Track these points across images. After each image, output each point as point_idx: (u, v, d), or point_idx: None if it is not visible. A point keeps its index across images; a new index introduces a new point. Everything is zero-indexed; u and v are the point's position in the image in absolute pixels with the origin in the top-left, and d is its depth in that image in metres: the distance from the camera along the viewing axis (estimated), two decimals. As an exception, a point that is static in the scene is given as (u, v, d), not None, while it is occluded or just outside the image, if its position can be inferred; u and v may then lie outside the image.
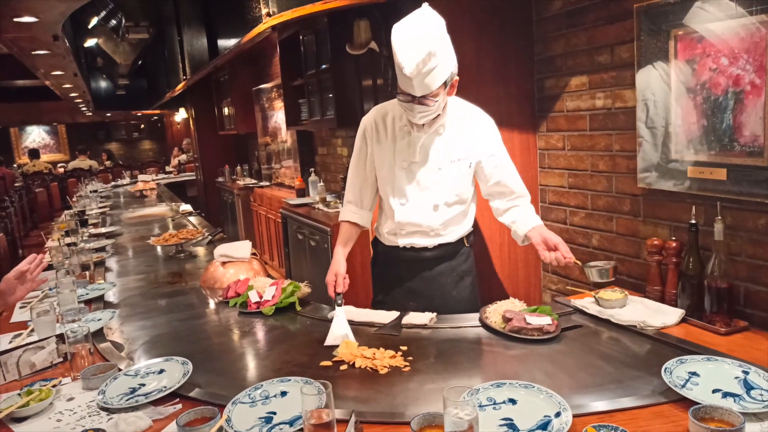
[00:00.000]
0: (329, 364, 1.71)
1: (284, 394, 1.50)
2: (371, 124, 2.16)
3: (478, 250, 3.14)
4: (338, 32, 4.00)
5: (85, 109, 15.32)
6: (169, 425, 1.40)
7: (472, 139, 2.09)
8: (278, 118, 6.37)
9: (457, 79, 1.99)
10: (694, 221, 1.95)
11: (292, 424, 1.35)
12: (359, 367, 1.66)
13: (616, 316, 1.91)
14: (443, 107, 2.03)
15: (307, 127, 5.04)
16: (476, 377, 1.59)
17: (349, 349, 1.76)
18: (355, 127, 2.31)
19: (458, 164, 2.08)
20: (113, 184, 9.90)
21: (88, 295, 2.54)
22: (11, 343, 2.02)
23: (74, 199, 6.64)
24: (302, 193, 5.39)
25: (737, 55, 1.95)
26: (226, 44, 6.14)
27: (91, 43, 9.96)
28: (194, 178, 10.16)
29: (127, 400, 1.53)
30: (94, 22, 8.77)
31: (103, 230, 4.43)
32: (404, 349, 1.77)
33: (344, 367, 1.68)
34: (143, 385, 1.62)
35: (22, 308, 2.43)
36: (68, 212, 5.37)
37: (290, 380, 1.54)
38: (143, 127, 18.89)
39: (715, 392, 1.37)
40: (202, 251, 3.48)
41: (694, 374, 1.44)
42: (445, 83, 1.91)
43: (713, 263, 1.83)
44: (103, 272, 3.11)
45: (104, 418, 1.47)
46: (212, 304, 2.43)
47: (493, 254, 3.18)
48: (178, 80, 8.87)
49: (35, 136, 17.50)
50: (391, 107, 2.14)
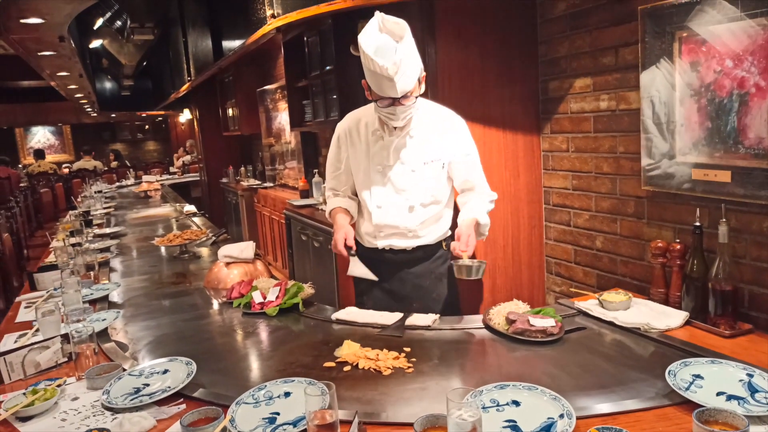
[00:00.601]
0: (333, 365, 1.71)
1: (288, 394, 1.50)
2: (345, 131, 2.23)
3: (482, 252, 3.14)
4: (342, 33, 4.01)
5: (90, 109, 15.37)
6: (173, 425, 1.40)
7: (443, 140, 2.14)
8: (282, 119, 6.38)
9: (425, 74, 2.08)
10: (698, 223, 1.95)
11: (295, 424, 1.35)
12: (362, 368, 1.66)
13: (619, 318, 1.91)
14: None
15: (311, 128, 5.04)
16: (480, 379, 1.59)
17: (352, 350, 1.77)
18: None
19: (431, 165, 2.12)
20: (118, 184, 9.93)
21: (92, 295, 2.55)
22: (16, 342, 2.03)
23: (79, 199, 6.67)
24: (306, 194, 5.40)
25: (742, 57, 1.95)
26: (230, 45, 6.15)
27: (96, 44, 10.00)
28: (198, 179, 10.19)
29: (131, 400, 1.54)
30: (99, 23, 8.80)
31: (107, 231, 4.44)
32: (407, 350, 1.77)
33: (347, 368, 1.68)
34: (147, 385, 1.62)
35: (27, 308, 2.44)
36: (73, 213, 5.39)
37: (294, 381, 1.55)
38: (148, 127, 18.94)
39: (719, 395, 1.36)
40: (206, 252, 3.48)
41: (698, 377, 1.44)
42: (418, 80, 2.01)
43: (717, 266, 1.83)
44: (107, 272, 3.12)
45: (108, 417, 1.47)
46: (216, 304, 2.44)
47: (496, 256, 3.18)
48: (182, 81, 8.89)
49: (40, 136, 17.56)
50: (363, 114, 2.19)
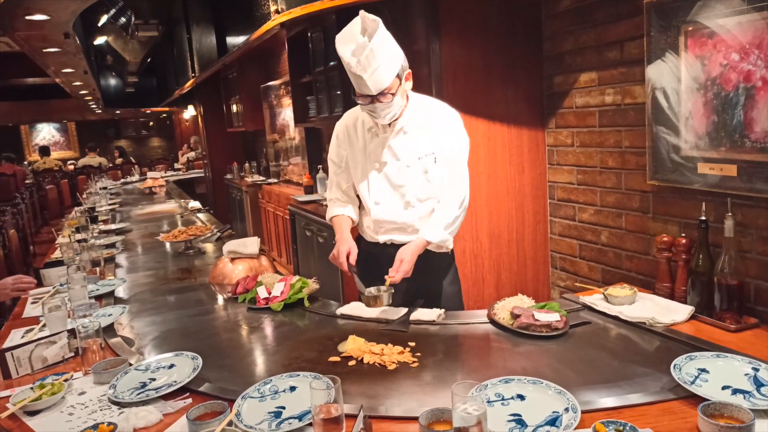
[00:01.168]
0: (338, 359, 1.71)
1: (293, 389, 1.51)
2: (343, 129, 2.26)
3: (487, 247, 3.14)
4: (346, 29, 4.00)
5: (94, 106, 15.40)
6: (179, 419, 1.41)
7: (436, 134, 2.13)
8: (286, 115, 6.38)
9: (409, 71, 2.06)
10: (704, 218, 1.94)
11: (301, 418, 1.35)
12: (367, 362, 1.67)
13: (624, 312, 1.91)
14: (406, 103, 2.10)
15: (315, 124, 5.04)
16: (484, 373, 1.58)
17: (357, 345, 1.77)
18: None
19: (425, 159, 2.12)
20: (123, 181, 9.96)
21: (98, 290, 2.56)
22: (24, 337, 2.04)
23: (84, 196, 6.68)
24: (310, 189, 5.40)
25: (748, 50, 1.93)
26: (234, 42, 6.15)
27: (100, 41, 10.00)
28: (203, 175, 10.20)
29: (137, 394, 1.55)
30: (103, 20, 8.80)
31: (113, 227, 4.45)
32: (412, 345, 1.77)
33: (352, 362, 1.69)
34: (153, 379, 1.63)
35: (33, 304, 2.46)
36: (78, 209, 5.41)
37: (299, 375, 1.55)
38: (152, 124, 18.97)
39: (724, 389, 1.36)
40: (210, 248, 3.49)
41: (703, 371, 1.44)
42: (398, 76, 1.98)
43: (723, 260, 1.82)
44: (113, 268, 3.13)
45: (115, 412, 1.48)
46: (221, 300, 2.45)
47: (501, 251, 3.18)
48: (186, 78, 8.89)
49: (45, 133, 17.61)
50: (360, 112, 2.21)
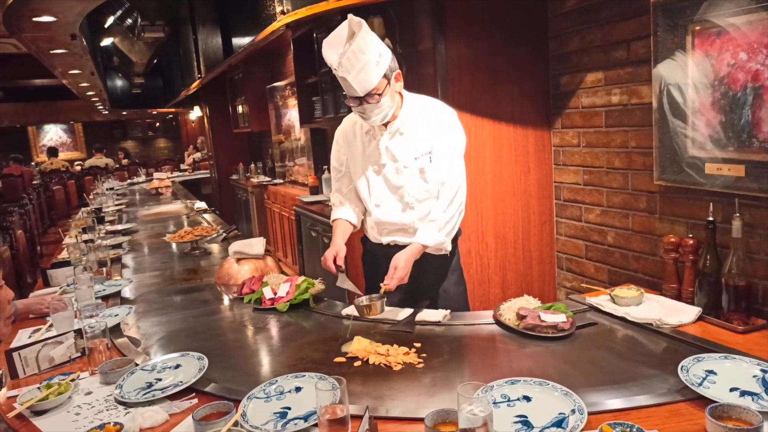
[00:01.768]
0: (343, 360, 1.71)
1: (299, 389, 1.51)
2: (342, 134, 2.27)
3: (492, 248, 3.13)
4: (352, 30, 4.00)
5: (101, 107, 15.47)
6: (185, 419, 1.41)
7: (431, 132, 2.12)
8: (292, 115, 6.39)
9: (399, 72, 2.05)
10: (711, 218, 1.93)
11: (306, 419, 1.35)
12: (373, 363, 1.67)
13: (631, 313, 1.89)
14: (400, 104, 2.10)
15: (320, 124, 5.04)
16: (490, 374, 1.58)
17: (362, 345, 1.77)
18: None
19: (421, 159, 2.12)
20: (129, 181, 10.00)
21: (105, 291, 2.57)
22: (31, 337, 2.05)
23: (91, 196, 6.72)
24: (316, 190, 5.41)
25: (756, 49, 1.92)
26: (240, 43, 6.16)
27: (107, 42, 10.04)
28: (209, 175, 10.23)
29: (143, 394, 1.55)
30: (110, 21, 8.84)
31: (119, 227, 4.47)
32: (418, 346, 1.77)
33: (358, 363, 1.68)
34: (160, 380, 1.63)
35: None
36: (85, 209, 5.44)
37: (305, 376, 1.55)
38: (158, 125, 19.04)
39: (732, 391, 1.35)
40: (216, 248, 3.50)
41: (711, 372, 1.43)
42: (386, 77, 1.97)
43: (731, 261, 1.81)
44: (119, 269, 3.14)
45: (121, 412, 1.48)
46: (227, 300, 2.45)
47: (507, 252, 3.17)
48: (192, 79, 8.92)
49: (52, 134, 17.71)
50: (358, 116, 2.18)
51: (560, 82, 3.01)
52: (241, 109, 8.03)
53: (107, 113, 16.56)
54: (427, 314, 2.01)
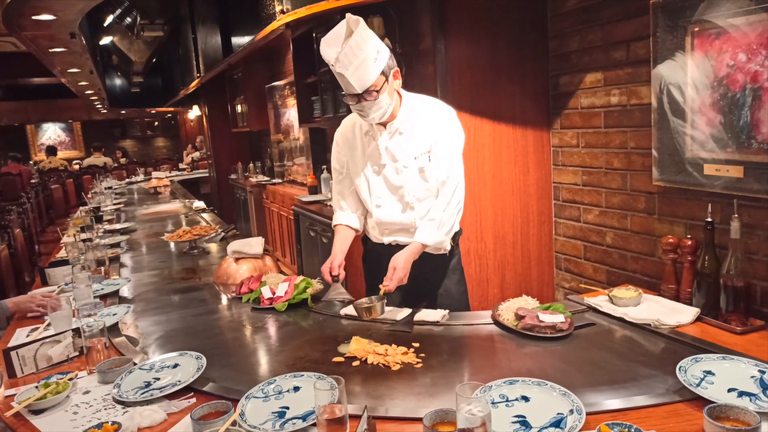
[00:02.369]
0: (342, 360, 1.71)
1: (297, 389, 1.50)
2: (342, 135, 2.27)
3: (491, 248, 3.13)
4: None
5: (100, 106, 15.46)
6: (183, 419, 1.41)
7: (429, 131, 2.12)
8: (291, 115, 6.39)
9: (397, 69, 2.06)
10: (710, 219, 1.93)
11: (304, 418, 1.35)
12: (371, 363, 1.67)
13: (629, 314, 1.89)
14: (399, 103, 2.10)
15: (319, 124, 5.04)
16: (489, 374, 1.58)
17: (361, 345, 1.77)
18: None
19: (421, 158, 2.12)
20: (127, 180, 9.99)
21: (103, 290, 2.57)
22: (28, 336, 2.05)
23: (89, 195, 6.71)
24: (314, 190, 5.41)
25: (756, 50, 1.92)
26: (239, 42, 6.16)
27: (106, 40, 10.03)
28: (207, 175, 10.22)
29: (142, 393, 1.55)
30: (109, 20, 8.83)
31: (117, 226, 4.47)
32: (416, 345, 1.77)
33: (356, 363, 1.68)
34: (158, 379, 1.63)
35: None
36: (83, 208, 5.43)
37: (303, 375, 1.55)
38: (157, 124, 19.02)
39: (730, 391, 1.35)
40: (215, 247, 3.50)
41: (709, 373, 1.43)
42: (384, 74, 1.98)
43: (729, 262, 1.81)
44: (117, 268, 3.14)
45: (119, 411, 1.48)
46: (225, 299, 2.45)
47: (506, 252, 3.18)
48: (192, 78, 8.91)
49: (51, 133, 17.67)
50: (357, 117, 2.20)
51: (560, 82, 3.01)
52: (240, 108, 8.03)
53: (106, 112, 16.54)
54: (425, 314, 2.01)
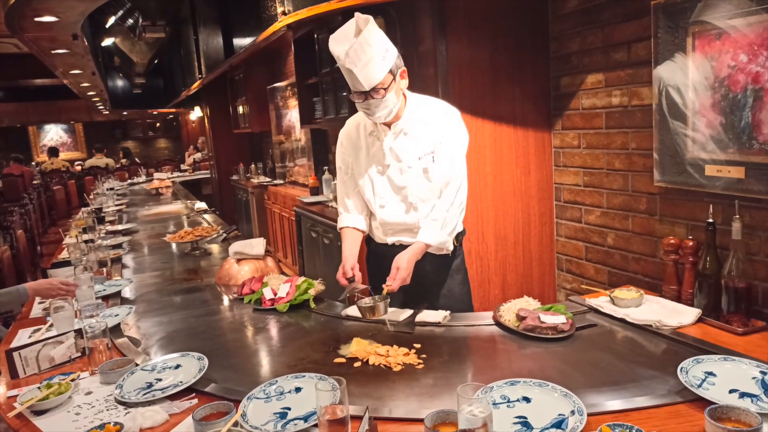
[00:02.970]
0: (343, 360, 1.71)
1: (299, 390, 1.51)
2: (346, 136, 2.27)
3: (492, 249, 3.13)
4: (353, 31, 4.01)
5: (102, 107, 15.48)
6: (185, 419, 1.41)
7: (434, 131, 2.12)
8: (292, 116, 6.40)
9: (404, 69, 2.06)
10: (711, 220, 1.93)
11: (306, 419, 1.36)
12: (373, 364, 1.67)
13: (631, 315, 1.90)
14: (403, 103, 2.10)
15: (321, 125, 5.05)
16: (490, 375, 1.58)
17: (362, 346, 1.77)
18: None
19: (425, 159, 2.12)
20: (129, 182, 10.00)
21: (105, 291, 2.57)
22: (31, 337, 2.06)
23: (91, 196, 6.72)
24: (316, 191, 5.41)
25: (757, 51, 1.92)
26: (241, 43, 6.17)
27: (108, 42, 10.05)
28: (209, 176, 10.23)
29: (144, 394, 1.55)
30: (111, 21, 8.85)
31: (119, 227, 4.47)
32: (418, 346, 1.77)
33: (358, 364, 1.69)
34: (160, 380, 1.64)
35: (41, 303, 2.47)
36: (85, 209, 5.44)
37: (305, 376, 1.55)
38: (159, 125, 19.05)
39: (731, 392, 1.35)
40: (216, 248, 3.50)
41: (710, 374, 1.43)
42: (391, 73, 1.98)
43: (731, 263, 1.81)
44: (119, 269, 3.14)
45: (122, 412, 1.49)
46: (227, 300, 2.45)
47: (507, 253, 3.18)
48: (193, 79, 8.93)
49: (53, 134, 17.71)
50: (361, 117, 2.20)
51: (561, 83, 3.01)
52: (241, 109, 8.03)
53: (108, 113, 16.57)
54: (426, 315, 2.01)
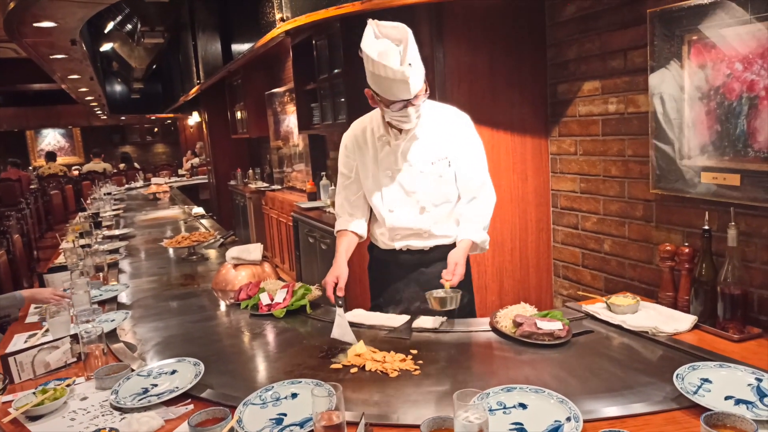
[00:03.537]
0: (339, 366, 1.71)
1: (295, 395, 1.50)
2: (352, 139, 2.23)
3: (490, 255, 3.13)
4: (351, 37, 4.02)
5: (100, 112, 15.50)
6: (180, 425, 1.41)
7: (448, 137, 2.12)
8: (290, 122, 6.41)
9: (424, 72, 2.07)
10: (707, 227, 1.93)
11: (302, 425, 1.35)
12: (369, 370, 1.67)
13: (627, 321, 1.90)
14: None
15: (319, 131, 5.05)
16: (486, 381, 1.58)
17: (359, 352, 1.77)
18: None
19: (438, 164, 2.12)
20: (127, 186, 9.99)
21: (101, 296, 2.57)
22: (26, 342, 2.05)
23: (88, 201, 6.71)
24: (313, 196, 5.42)
25: (752, 60, 1.94)
26: (239, 49, 6.18)
27: (107, 47, 10.08)
28: (207, 181, 10.23)
29: (139, 400, 1.55)
30: (110, 27, 8.88)
31: (116, 232, 4.47)
32: (414, 352, 1.77)
33: (354, 370, 1.68)
34: (155, 385, 1.63)
35: (37, 308, 2.46)
36: (83, 214, 5.43)
37: (301, 382, 1.55)
38: (157, 130, 19.07)
39: (727, 399, 1.36)
40: (213, 254, 3.50)
41: (706, 381, 1.43)
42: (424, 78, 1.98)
43: (727, 269, 1.82)
44: (116, 274, 3.14)
45: (117, 417, 1.48)
46: (224, 306, 2.45)
47: (504, 259, 3.18)
48: (192, 84, 8.95)
49: (51, 139, 17.71)
50: (368, 121, 2.19)
51: (558, 90, 3.02)
52: (239, 114, 8.05)
53: (106, 118, 16.58)
54: (423, 321, 2.01)
